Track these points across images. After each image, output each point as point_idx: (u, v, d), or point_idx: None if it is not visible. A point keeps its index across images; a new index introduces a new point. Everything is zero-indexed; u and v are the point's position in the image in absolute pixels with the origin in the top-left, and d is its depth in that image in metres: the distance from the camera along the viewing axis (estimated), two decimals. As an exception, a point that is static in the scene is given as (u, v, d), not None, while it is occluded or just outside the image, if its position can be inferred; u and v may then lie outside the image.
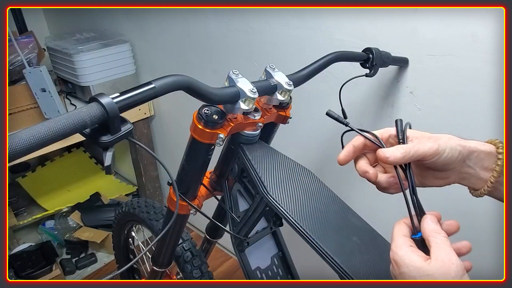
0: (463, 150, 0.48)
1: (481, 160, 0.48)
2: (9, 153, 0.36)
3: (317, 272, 0.93)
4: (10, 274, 1.45)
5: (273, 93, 0.63)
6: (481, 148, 0.48)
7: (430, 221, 0.44)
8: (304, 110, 1.07)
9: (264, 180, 0.62)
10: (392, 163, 0.47)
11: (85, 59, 1.37)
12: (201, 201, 0.79)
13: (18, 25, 1.73)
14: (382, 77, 0.87)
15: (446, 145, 0.47)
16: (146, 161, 1.73)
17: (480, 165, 0.48)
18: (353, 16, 0.87)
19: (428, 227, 0.43)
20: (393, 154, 0.47)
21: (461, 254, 0.45)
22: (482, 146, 0.48)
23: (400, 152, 0.47)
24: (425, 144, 0.47)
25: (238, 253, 0.74)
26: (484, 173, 0.48)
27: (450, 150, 0.47)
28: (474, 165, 0.48)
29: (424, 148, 0.47)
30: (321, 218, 0.59)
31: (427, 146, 0.47)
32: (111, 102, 0.42)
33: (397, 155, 0.47)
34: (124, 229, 1.20)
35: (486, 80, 0.72)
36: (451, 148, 0.47)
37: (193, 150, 0.64)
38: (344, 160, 0.52)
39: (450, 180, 0.51)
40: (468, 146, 0.48)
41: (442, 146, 0.47)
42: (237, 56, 1.18)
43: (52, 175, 2.01)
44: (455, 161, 0.48)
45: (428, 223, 0.44)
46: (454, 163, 0.48)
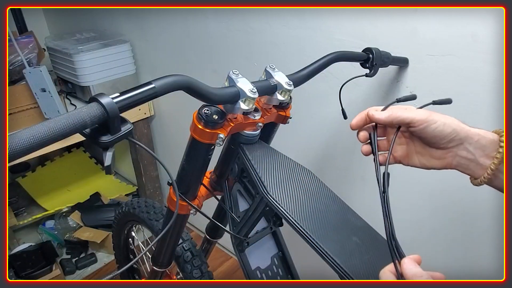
0: (460, 130, 0.49)
1: (482, 146, 0.49)
2: (9, 153, 0.36)
3: (317, 272, 0.93)
4: (10, 274, 1.45)
5: (273, 93, 0.63)
6: (483, 134, 0.49)
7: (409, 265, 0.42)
8: (304, 110, 1.07)
9: (264, 180, 0.62)
10: (377, 120, 0.51)
11: (85, 59, 1.37)
12: (201, 201, 0.79)
13: (18, 25, 1.72)
14: (382, 77, 0.87)
15: (439, 118, 0.49)
16: (146, 161, 1.73)
17: (480, 151, 0.49)
18: (353, 16, 0.87)
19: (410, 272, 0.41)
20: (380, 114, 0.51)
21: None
22: (485, 133, 0.49)
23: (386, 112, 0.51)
24: (416, 111, 0.50)
25: (238, 253, 0.74)
26: (485, 159, 0.49)
27: (441, 124, 0.49)
28: (473, 150, 0.49)
29: (412, 114, 0.50)
30: (321, 218, 0.59)
31: (416, 113, 0.50)
32: (111, 102, 0.42)
33: (382, 114, 0.51)
34: (124, 229, 1.20)
35: (486, 80, 0.72)
36: (444, 123, 0.49)
37: (193, 150, 0.64)
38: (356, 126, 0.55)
39: (447, 161, 0.52)
40: (467, 129, 0.49)
41: (434, 117, 0.49)
42: (237, 56, 1.18)
43: (52, 175, 2.01)
44: (447, 138, 0.49)
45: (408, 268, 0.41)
46: (446, 140, 0.49)
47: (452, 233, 0.91)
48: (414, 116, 0.50)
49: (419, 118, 0.49)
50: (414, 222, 0.96)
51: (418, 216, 0.94)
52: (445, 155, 0.52)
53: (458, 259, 0.92)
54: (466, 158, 0.50)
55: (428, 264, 0.40)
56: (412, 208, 0.94)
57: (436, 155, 0.52)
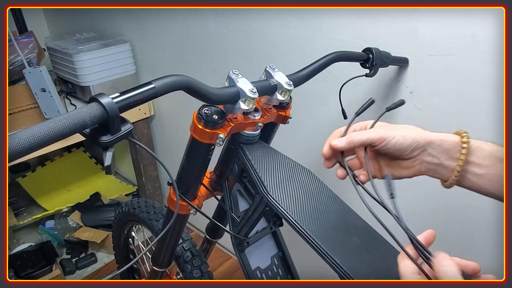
0: (420, 138, 0.50)
1: (445, 150, 0.50)
2: (9, 153, 0.36)
3: (317, 272, 0.93)
4: (10, 274, 1.45)
5: (273, 93, 0.63)
6: (445, 138, 0.50)
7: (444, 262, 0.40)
8: (304, 110, 1.07)
9: (264, 180, 0.62)
10: (339, 149, 0.54)
11: (85, 59, 1.37)
12: (201, 201, 0.79)
13: (18, 25, 1.72)
14: (382, 77, 0.87)
15: (397, 132, 0.51)
16: (146, 161, 1.73)
17: (444, 155, 0.50)
18: (353, 16, 0.87)
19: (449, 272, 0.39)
20: (339, 141, 0.54)
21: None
22: (447, 137, 0.51)
23: (345, 139, 0.53)
24: (374, 131, 0.53)
25: (238, 253, 0.74)
26: (450, 162, 0.50)
27: (401, 138, 0.50)
28: (437, 154, 0.51)
29: (370, 134, 0.52)
30: (321, 218, 0.59)
31: (374, 133, 0.52)
32: (111, 102, 0.42)
33: (342, 141, 0.53)
34: (124, 229, 1.20)
35: (486, 80, 0.72)
36: (403, 136, 0.50)
37: (193, 150, 0.64)
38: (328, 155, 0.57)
39: (415, 169, 0.53)
40: (427, 135, 0.51)
41: (390, 133, 0.51)
42: (237, 56, 1.18)
43: (52, 175, 2.01)
44: (409, 148, 0.51)
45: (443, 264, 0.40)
46: (408, 151, 0.51)
47: (451, 233, 0.91)
48: (373, 136, 0.52)
49: (378, 137, 0.51)
50: (413, 222, 0.95)
51: (417, 216, 0.94)
52: (412, 163, 0.53)
53: (458, 259, 0.91)
54: (432, 163, 0.52)
55: (428, 264, 0.41)
56: (410, 208, 0.94)
57: (404, 165, 0.54)
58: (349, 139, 0.53)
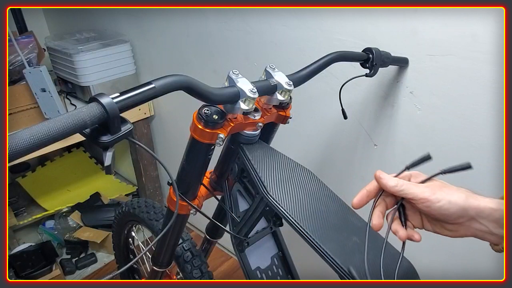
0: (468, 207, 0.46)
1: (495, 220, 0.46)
2: (9, 153, 0.36)
3: (317, 272, 0.93)
4: (10, 274, 1.45)
5: (273, 93, 0.63)
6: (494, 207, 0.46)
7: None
8: (304, 110, 1.07)
9: (264, 180, 0.62)
10: (383, 185, 0.50)
11: (85, 59, 1.37)
12: (201, 201, 0.79)
13: (18, 25, 1.72)
14: (382, 77, 0.87)
15: (443, 196, 0.46)
16: (146, 161, 1.73)
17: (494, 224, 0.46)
18: (353, 16, 0.87)
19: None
20: (387, 178, 0.50)
21: None
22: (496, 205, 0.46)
23: (394, 180, 0.49)
24: (420, 187, 0.48)
25: (238, 253, 0.74)
26: (500, 230, 0.46)
27: (447, 203, 0.46)
28: (487, 223, 0.46)
29: (415, 190, 0.47)
30: (321, 218, 0.59)
31: (419, 190, 0.47)
32: (111, 102, 0.42)
33: (390, 181, 0.49)
34: (124, 229, 1.20)
35: (486, 80, 0.72)
36: (450, 201, 0.46)
37: (193, 150, 0.64)
38: (358, 205, 0.53)
39: (461, 233, 0.49)
40: (476, 205, 0.46)
41: (437, 195, 0.46)
42: (237, 56, 1.18)
43: (52, 175, 2.01)
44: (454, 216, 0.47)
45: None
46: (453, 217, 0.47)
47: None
48: (417, 193, 0.47)
49: (421, 197, 0.47)
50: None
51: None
52: (458, 228, 0.49)
53: (458, 259, 0.91)
54: (480, 230, 0.47)
55: (428, 264, 0.40)
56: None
57: (448, 227, 0.50)
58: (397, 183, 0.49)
